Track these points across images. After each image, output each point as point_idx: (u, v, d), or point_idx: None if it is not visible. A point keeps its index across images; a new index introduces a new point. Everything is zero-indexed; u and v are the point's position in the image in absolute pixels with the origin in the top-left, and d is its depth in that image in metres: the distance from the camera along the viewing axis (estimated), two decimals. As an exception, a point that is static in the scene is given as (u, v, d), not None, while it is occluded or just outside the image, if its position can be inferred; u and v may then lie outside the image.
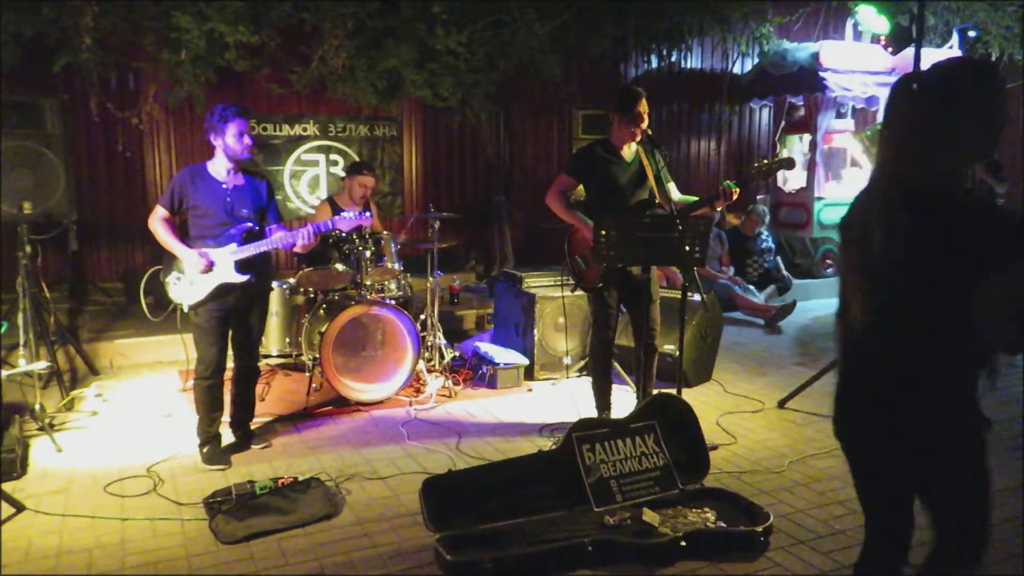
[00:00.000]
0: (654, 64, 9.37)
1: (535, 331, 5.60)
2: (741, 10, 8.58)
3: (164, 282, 4.08)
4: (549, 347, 5.66)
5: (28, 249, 5.10)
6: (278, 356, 5.68)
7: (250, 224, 4.06)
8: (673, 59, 9.39)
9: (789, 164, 4.28)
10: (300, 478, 3.62)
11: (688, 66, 9.91)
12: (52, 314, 5.52)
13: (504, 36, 7.15)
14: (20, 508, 3.50)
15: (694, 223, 3.84)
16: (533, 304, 5.61)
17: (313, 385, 5.11)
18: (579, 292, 4.68)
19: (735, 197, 4.12)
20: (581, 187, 4.40)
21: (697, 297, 5.40)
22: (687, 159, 10.05)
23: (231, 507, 3.35)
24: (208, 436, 4.14)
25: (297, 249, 4.20)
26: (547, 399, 5.26)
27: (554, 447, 3.61)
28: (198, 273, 3.96)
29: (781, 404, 5.07)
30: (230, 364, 4.23)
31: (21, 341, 5.04)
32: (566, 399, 5.22)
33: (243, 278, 4.00)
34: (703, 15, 8.40)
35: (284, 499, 3.44)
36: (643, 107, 4.16)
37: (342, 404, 5.00)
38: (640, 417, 3.66)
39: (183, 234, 4.05)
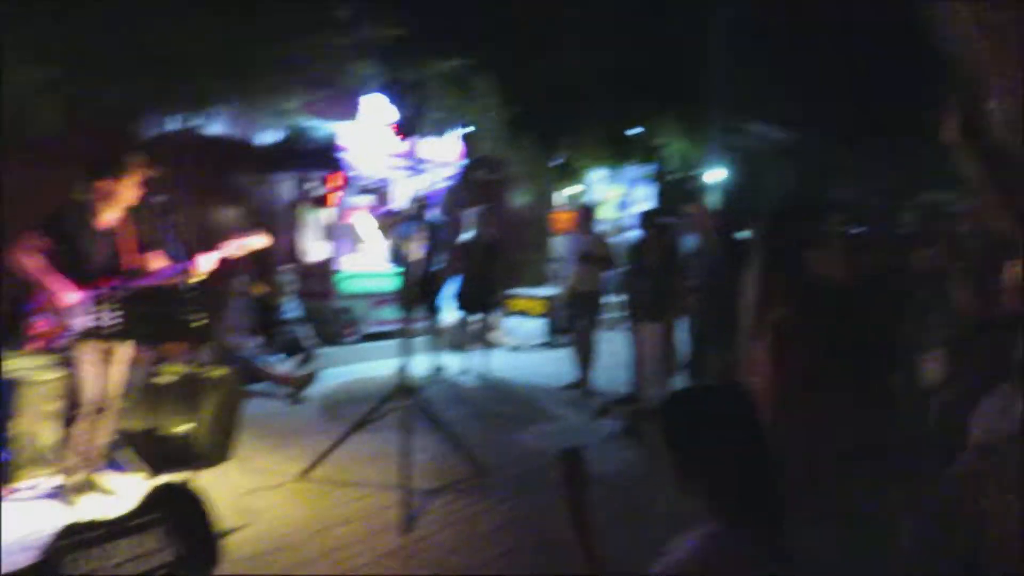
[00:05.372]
0: (174, 127, 8.92)
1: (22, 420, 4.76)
2: (265, 84, 8.68)
3: None
4: (36, 440, 4.85)
5: None
6: None
7: None
8: (196, 124, 9.04)
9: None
10: None
11: (215, 132, 9.65)
12: None
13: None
14: None
15: (202, 296, 3.71)
16: (15, 390, 4.77)
17: None
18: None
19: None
20: None
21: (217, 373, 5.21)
22: (212, 225, 9.69)
23: None
24: None
25: None
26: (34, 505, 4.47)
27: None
28: None
29: (303, 475, 5.09)
30: None
31: None
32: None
33: None
34: (226, 85, 8.27)
35: None
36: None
37: None
38: (143, 511, 3.32)
39: None
